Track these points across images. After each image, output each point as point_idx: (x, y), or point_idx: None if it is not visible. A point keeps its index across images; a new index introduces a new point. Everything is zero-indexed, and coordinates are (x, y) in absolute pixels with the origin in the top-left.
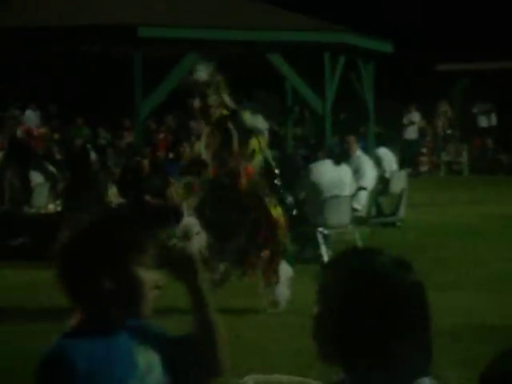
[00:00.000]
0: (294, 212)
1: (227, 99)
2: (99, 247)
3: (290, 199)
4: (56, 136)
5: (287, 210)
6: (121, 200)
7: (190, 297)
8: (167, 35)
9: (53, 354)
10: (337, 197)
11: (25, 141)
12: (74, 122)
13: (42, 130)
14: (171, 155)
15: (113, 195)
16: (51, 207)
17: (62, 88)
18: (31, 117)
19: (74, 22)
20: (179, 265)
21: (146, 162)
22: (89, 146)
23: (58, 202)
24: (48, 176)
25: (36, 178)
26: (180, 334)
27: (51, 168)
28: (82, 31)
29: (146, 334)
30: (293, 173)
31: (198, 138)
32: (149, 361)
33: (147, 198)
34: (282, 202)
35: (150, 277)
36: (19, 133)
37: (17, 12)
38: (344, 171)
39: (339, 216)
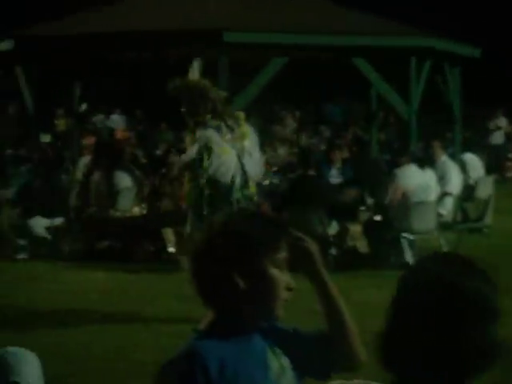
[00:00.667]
0: (378, 217)
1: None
2: (235, 246)
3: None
4: (141, 140)
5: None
6: None
7: (315, 289)
8: (253, 40)
9: (185, 355)
10: (422, 202)
11: (111, 145)
12: (158, 127)
13: (127, 134)
14: None
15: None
16: (136, 210)
17: (148, 93)
18: (117, 121)
19: (159, 26)
20: (301, 256)
21: None
22: (173, 150)
23: (143, 205)
24: (134, 180)
25: (123, 181)
26: (311, 330)
27: (137, 172)
28: (168, 36)
29: (278, 335)
30: (377, 177)
31: (282, 141)
32: (281, 363)
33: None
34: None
35: (283, 278)
36: (106, 137)
37: (105, 18)
38: (429, 176)
39: (425, 221)
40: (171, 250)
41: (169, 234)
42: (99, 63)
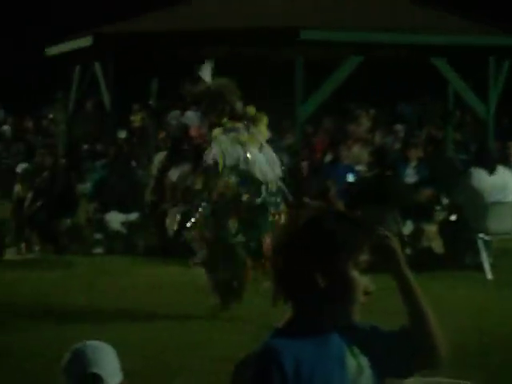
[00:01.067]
0: (454, 217)
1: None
2: (320, 245)
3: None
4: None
5: None
6: None
7: (399, 286)
8: (329, 38)
9: (261, 351)
10: (499, 202)
11: (185, 141)
12: None
13: (202, 131)
14: (328, 158)
15: None
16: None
17: None
18: (192, 118)
19: (236, 24)
20: (384, 253)
21: (304, 164)
22: None
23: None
24: None
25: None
26: (393, 329)
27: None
28: (244, 34)
29: (356, 334)
30: (452, 177)
31: (356, 140)
32: (360, 362)
33: (306, 200)
34: None
35: (362, 281)
36: (180, 133)
37: (182, 16)
38: (507, 176)
39: (502, 222)
40: None
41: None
42: (175, 60)
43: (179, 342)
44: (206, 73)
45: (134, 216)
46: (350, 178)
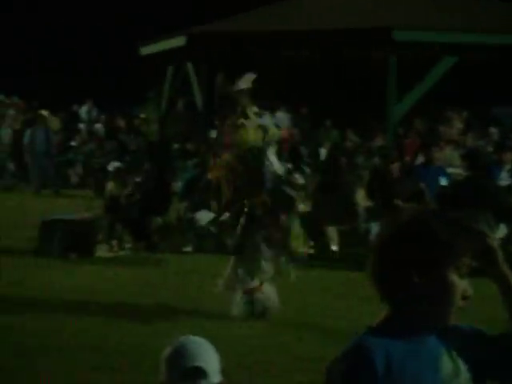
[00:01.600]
0: None
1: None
2: (418, 245)
3: None
4: (305, 138)
5: None
6: (368, 203)
7: (499, 288)
8: (423, 39)
9: (352, 348)
10: None
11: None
12: (322, 125)
13: (291, 132)
14: (420, 160)
15: (360, 198)
16: (302, 207)
17: (314, 90)
18: (282, 119)
19: (329, 25)
20: (485, 253)
21: (395, 166)
22: (338, 148)
23: (306, 202)
24: (303, 176)
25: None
26: (495, 333)
27: (307, 169)
28: (338, 35)
29: (457, 336)
30: None
31: (448, 142)
32: (457, 365)
33: (397, 202)
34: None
35: (461, 285)
36: None
37: (273, 17)
38: None
39: None
40: (334, 248)
41: (332, 232)
42: (267, 60)
43: (268, 340)
44: (245, 80)
45: (224, 215)
46: (443, 181)
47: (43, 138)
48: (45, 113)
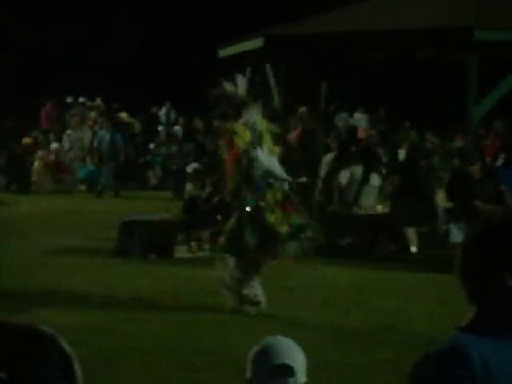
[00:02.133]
0: None
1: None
2: (510, 247)
3: None
4: (383, 139)
5: None
6: (448, 204)
7: None
8: (504, 38)
9: (447, 348)
10: None
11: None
12: (401, 126)
13: (369, 133)
14: (500, 161)
15: (440, 199)
16: (379, 208)
17: (393, 92)
18: (359, 120)
19: (406, 25)
20: None
21: (476, 168)
22: (416, 149)
23: (385, 203)
24: (381, 177)
25: (372, 179)
26: None
27: (383, 170)
28: (416, 35)
29: None
30: None
31: None
32: None
33: (477, 203)
34: None
35: None
36: (347, 135)
37: (350, 17)
38: None
39: None
40: (414, 249)
41: (411, 233)
42: (344, 62)
43: (344, 342)
44: (241, 82)
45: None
46: None
47: (109, 141)
48: (124, 115)
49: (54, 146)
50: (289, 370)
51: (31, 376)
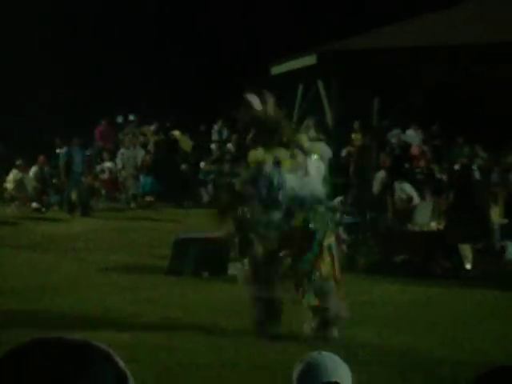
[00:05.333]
0: None
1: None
2: None
3: None
4: (437, 155)
5: None
6: (503, 221)
7: None
8: None
9: None
10: None
11: (406, 159)
12: (454, 141)
13: (422, 149)
14: None
15: (495, 215)
16: (433, 225)
17: (444, 107)
18: (412, 136)
19: (462, 40)
20: None
21: None
22: (469, 165)
23: (440, 220)
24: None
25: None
26: None
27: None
28: (470, 49)
29: None
30: None
31: None
32: None
33: None
34: None
35: None
36: (400, 151)
37: (403, 33)
38: None
39: None
40: (469, 266)
41: (466, 250)
42: (397, 77)
43: (397, 358)
44: (269, 99)
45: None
46: None
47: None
48: (177, 133)
49: (108, 164)
50: None
51: None
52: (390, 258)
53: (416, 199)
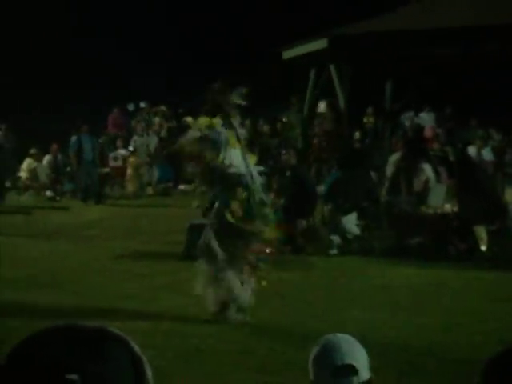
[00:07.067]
0: None
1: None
2: None
3: None
4: (450, 137)
5: None
6: None
7: None
8: None
9: None
10: None
11: (419, 142)
12: (467, 124)
13: (435, 131)
14: None
15: (510, 196)
16: (447, 207)
17: (457, 90)
18: (426, 119)
19: (475, 21)
20: None
21: None
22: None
23: (453, 202)
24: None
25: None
26: None
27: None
28: (483, 30)
29: None
30: None
31: None
32: None
33: None
34: None
35: None
36: (414, 134)
37: (414, 15)
38: None
39: None
40: (484, 248)
41: (481, 231)
42: (409, 61)
43: (411, 341)
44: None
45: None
46: None
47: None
48: (190, 119)
49: (122, 152)
50: (352, 370)
51: (103, 378)
52: (405, 241)
53: (432, 181)
